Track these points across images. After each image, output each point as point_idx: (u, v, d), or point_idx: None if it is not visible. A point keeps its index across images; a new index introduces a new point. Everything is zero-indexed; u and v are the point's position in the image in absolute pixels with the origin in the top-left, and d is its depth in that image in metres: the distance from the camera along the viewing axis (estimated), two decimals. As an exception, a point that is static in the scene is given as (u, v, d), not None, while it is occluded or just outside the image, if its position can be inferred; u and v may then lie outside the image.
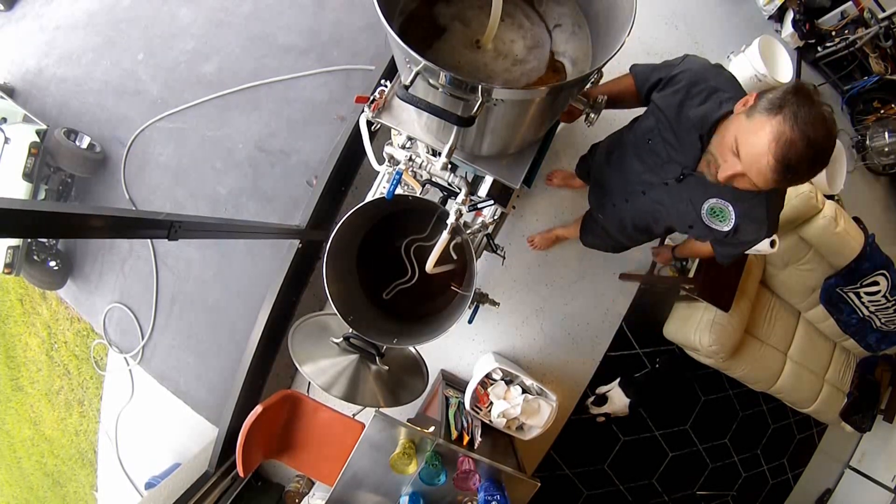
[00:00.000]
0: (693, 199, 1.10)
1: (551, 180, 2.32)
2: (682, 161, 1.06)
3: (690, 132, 1.01)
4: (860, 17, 2.58)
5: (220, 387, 2.56)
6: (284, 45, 2.76)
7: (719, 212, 1.07)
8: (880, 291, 2.23)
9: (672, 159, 1.09)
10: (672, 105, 1.03)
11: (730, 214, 1.06)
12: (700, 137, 0.99)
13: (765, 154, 0.79)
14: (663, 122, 1.07)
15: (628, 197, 1.30)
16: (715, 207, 1.07)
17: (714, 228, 1.11)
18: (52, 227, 0.93)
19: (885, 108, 2.77)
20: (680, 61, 1.08)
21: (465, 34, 0.91)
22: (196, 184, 2.77)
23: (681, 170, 1.08)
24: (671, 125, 1.05)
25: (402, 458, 1.51)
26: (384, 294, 1.26)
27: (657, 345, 2.52)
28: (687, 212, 1.14)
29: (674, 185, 1.12)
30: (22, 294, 3.68)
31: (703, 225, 1.12)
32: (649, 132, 1.12)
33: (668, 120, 1.05)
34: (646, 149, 1.15)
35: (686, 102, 1.01)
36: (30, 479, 4.06)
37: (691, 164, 1.05)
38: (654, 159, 1.14)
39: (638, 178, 1.22)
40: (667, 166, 1.11)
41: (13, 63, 3.22)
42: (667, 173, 1.12)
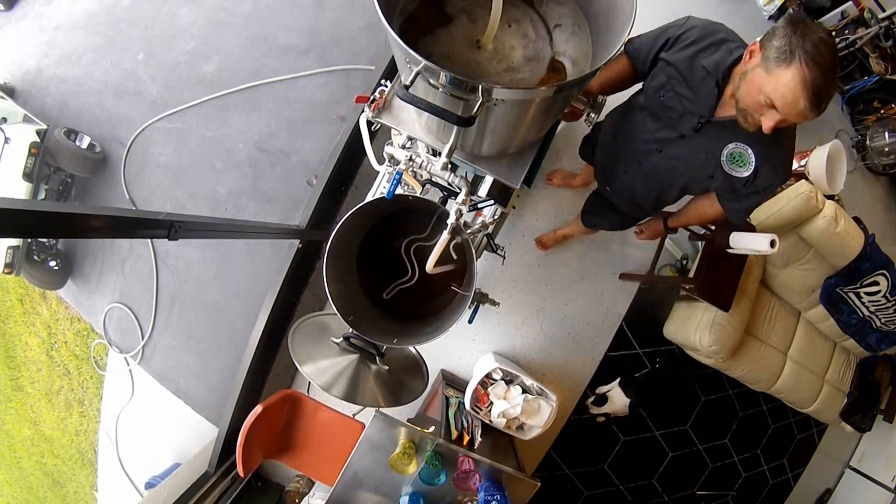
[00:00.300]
0: (711, 148, 1.12)
1: (551, 180, 2.33)
2: (699, 111, 1.09)
3: (705, 80, 1.05)
4: (860, 17, 2.58)
5: (220, 387, 2.56)
6: (284, 45, 2.76)
7: (738, 157, 1.09)
8: (880, 291, 2.23)
9: (687, 111, 1.11)
10: (684, 58, 1.07)
11: (749, 158, 1.08)
12: (716, 83, 1.03)
13: (799, 99, 0.87)
14: (675, 76, 1.09)
15: (642, 158, 1.28)
16: (734, 152, 1.09)
17: (734, 176, 1.12)
18: (52, 227, 0.93)
19: (885, 108, 2.77)
20: (684, 21, 1.12)
21: (466, 33, 0.91)
22: (196, 184, 2.77)
23: (697, 119, 1.10)
24: (684, 77, 1.08)
25: (402, 458, 1.51)
26: (384, 294, 1.26)
27: (657, 345, 2.52)
28: (706, 161, 1.14)
29: (691, 136, 1.14)
30: (22, 294, 3.68)
31: (723, 173, 1.12)
32: (661, 88, 1.14)
33: (681, 72, 1.08)
34: (659, 105, 1.16)
35: (698, 54, 1.05)
36: (30, 479, 4.06)
37: (707, 112, 1.08)
38: (669, 114, 1.15)
39: (652, 136, 1.22)
40: (683, 119, 1.13)
41: (13, 63, 3.22)
42: (683, 125, 1.14)
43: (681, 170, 1.22)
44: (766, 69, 0.89)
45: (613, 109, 1.43)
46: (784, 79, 0.87)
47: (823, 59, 0.84)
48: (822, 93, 0.86)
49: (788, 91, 0.87)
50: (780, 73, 0.87)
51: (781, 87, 0.87)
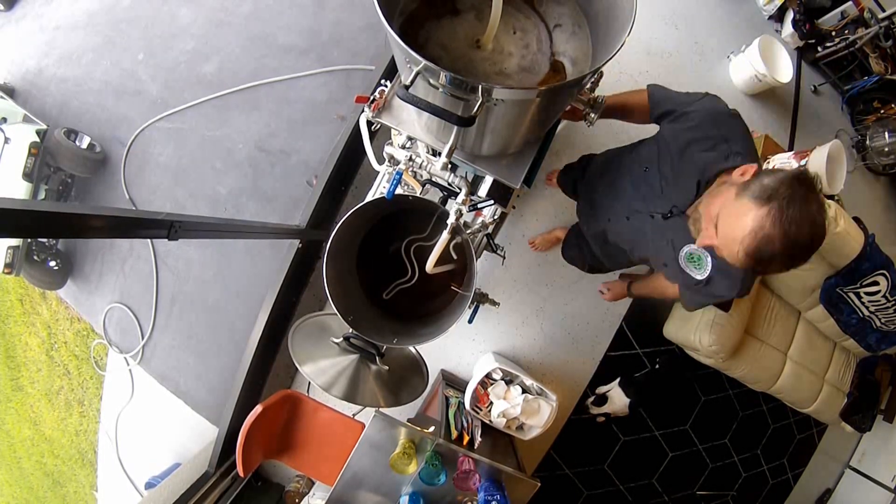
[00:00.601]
0: (674, 240, 1.08)
1: (551, 180, 2.33)
2: (674, 200, 1.03)
3: (690, 175, 0.98)
4: (860, 17, 2.58)
5: (220, 387, 2.56)
6: (284, 45, 2.76)
7: (697, 259, 1.05)
8: (880, 291, 2.23)
9: (664, 195, 1.06)
10: (679, 141, 1.01)
11: (706, 264, 1.04)
12: (698, 183, 0.96)
13: (738, 242, 0.78)
14: (665, 155, 1.04)
15: (612, 217, 1.28)
16: (694, 254, 1.05)
17: (687, 273, 1.09)
18: (52, 227, 0.93)
19: (885, 108, 2.77)
20: (700, 98, 1.04)
21: (467, 33, 0.91)
22: (196, 184, 2.77)
23: (670, 207, 1.04)
24: (672, 161, 1.02)
25: (402, 458, 1.51)
26: (384, 294, 1.26)
27: (657, 345, 2.52)
28: (665, 250, 1.11)
29: (659, 221, 1.09)
30: (22, 294, 3.68)
31: (678, 267, 1.10)
32: (648, 161, 1.10)
33: (671, 154, 1.02)
34: (641, 176, 1.12)
35: (693, 143, 0.98)
36: (30, 479, 4.06)
37: (682, 205, 1.02)
38: (647, 189, 1.11)
39: (626, 202, 1.19)
40: (657, 200, 1.08)
41: (13, 63, 3.22)
42: (656, 206, 1.09)
43: (641, 245, 1.20)
44: (738, 195, 0.81)
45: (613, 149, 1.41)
46: (743, 213, 0.78)
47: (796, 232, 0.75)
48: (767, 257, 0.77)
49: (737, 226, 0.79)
50: (746, 206, 0.78)
51: (733, 218, 0.80)
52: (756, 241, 0.76)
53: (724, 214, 0.82)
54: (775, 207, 0.75)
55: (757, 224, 0.76)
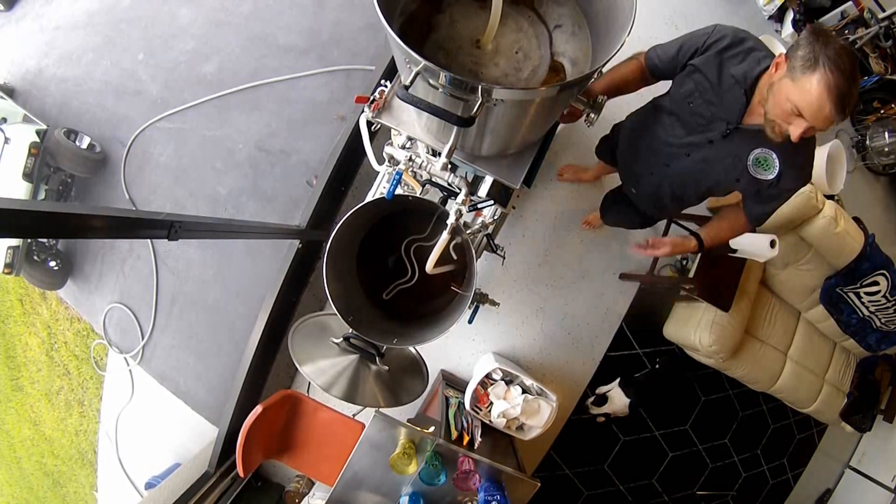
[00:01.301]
0: (739, 153, 1.16)
1: (562, 175, 2.33)
2: (727, 117, 1.12)
3: (733, 88, 1.08)
4: (860, 17, 2.59)
5: (220, 387, 2.56)
6: (284, 45, 2.76)
7: (764, 161, 1.14)
8: (880, 291, 2.23)
9: (716, 117, 1.14)
10: (712, 66, 1.10)
11: (774, 162, 1.13)
12: (744, 92, 1.07)
13: (824, 104, 0.91)
14: (703, 83, 1.12)
15: (669, 161, 1.32)
16: (760, 157, 1.14)
17: (759, 178, 1.16)
18: (52, 227, 0.93)
19: (885, 108, 2.77)
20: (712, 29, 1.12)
21: (467, 33, 0.91)
22: (196, 184, 2.76)
23: (726, 125, 1.13)
24: (712, 84, 1.11)
25: (402, 458, 1.51)
26: (384, 294, 1.25)
27: (657, 345, 2.52)
28: (733, 165, 1.19)
29: (719, 142, 1.17)
30: (22, 294, 3.68)
31: (749, 176, 1.17)
32: (689, 95, 1.17)
33: (709, 80, 1.11)
34: (687, 111, 1.19)
35: (727, 62, 1.08)
36: (30, 479, 4.06)
37: (735, 119, 1.11)
38: (698, 120, 1.18)
39: (680, 140, 1.25)
40: (711, 125, 1.16)
41: (13, 63, 3.22)
42: (712, 131, 1.17)
43: (708, 173, 1.26)
44: (792, 78, 0.94)
45: (636, 111, 1.47)
46: (810, 85, 0.91)
47: (845, 64, 0.89)
48: (845, 97, 0.90)
49: (815, 97, 0.91)
50: (806, 79, 0.91)
51: (808, 94, 0.92)
52: (833, 93, 0.90)
53: (796, 97, 0.94)
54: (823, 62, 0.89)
55: (825, 83, 0.90)
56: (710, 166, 1.24)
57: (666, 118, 1.27)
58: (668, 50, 1.19)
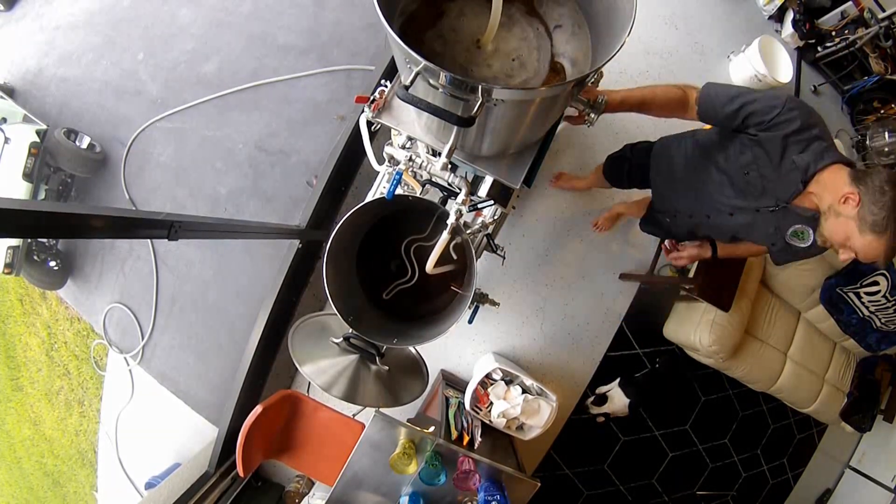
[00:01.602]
0: (780, 225, 1.24)
1: (556, 182, 2.32)
2: (778, 195, 1.18)
3: (792, 173, 1.12)
4: (860, 17, 2.59)
5: (220, 387, 2.56)
6: (284, 45, 2.76)
7: (801, 233, 1.24)
8: (880, 291, 2.23)
9: (768, 192, 1.20)
10: (776, 146, 1.11)
11: (810, 236, 1.23)
12: (802, 181, 1.11)
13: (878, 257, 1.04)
14: (763, 159, 1.15)
15: (711, 214, 1.39)
16: (798, 231, 1.23)
17: (793, 245, 1.27)
18: (52, 227, 0.93)
19: (885, 108, 2.77)
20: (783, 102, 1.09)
21: (466, 33, 0.91)
22: (196, 184, 2.77)
23: (776, 202, 1.19)
24: (772, 163, 1.14)
25: (402, 458, 1.51)
26: (384, 294, 1.25)
27: (657, 345, 2.52)
28: (773, 234, 1.27)
29: (765, 214, 1.24)
30: (22, 294, 3.68)
31: (785, 243, 1.27)
32: (748, 166, 1.20)
33: (770, 158, 1.14)
34: (742, 179, 1.23)
35: (791, 147, 1.10)
36: (30, 479, 4.06)
37: (787, 198, 1.17)
38: (751, 190, 1.23)
39: (728, 201, 1.31)
40: (761, 198, 1.22)
41: (13, 63, 3.22)
42: (760, 203, 1.23)
43: (748, 233, 1.34)
44: (860, 229, 1.02)
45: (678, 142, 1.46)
46: (873, 244, 1.02)
47: None
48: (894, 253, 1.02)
49: (872, 252, 1.03)
50: (871, 239, 1.01)
51: (868, 248, 1.03)
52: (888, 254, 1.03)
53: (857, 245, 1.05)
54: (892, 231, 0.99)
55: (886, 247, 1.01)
56: (750, 229, 1.32)
57: (716, 175, 1.30)
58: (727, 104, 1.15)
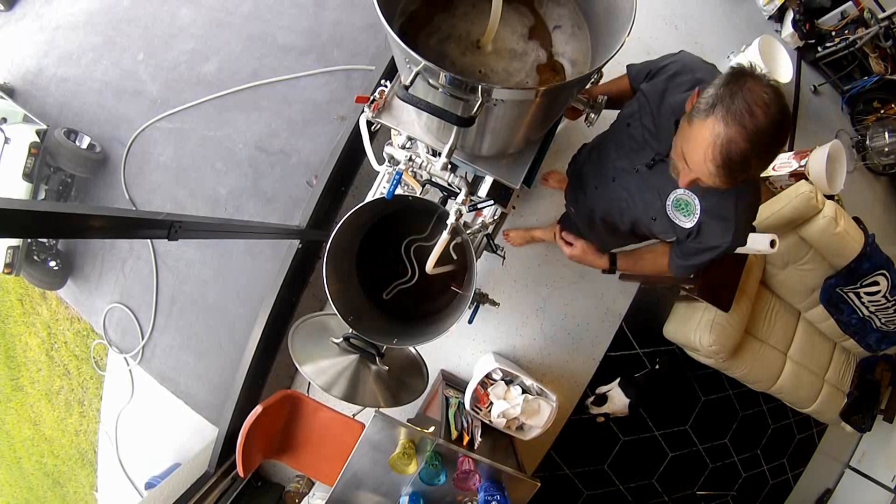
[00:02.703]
0: (661, 189, 1.06)
1: (547, 181, 2.32)
2: (657, 147, 1.05)
3: (668, 118, 0.99)
4: (860, 17, 2.59)
5: (220, 387, 2.56)
6: (284, 45, 2.76)
7: (685, 205, 1.03)
8: (880, 291, 2.23)
9: (647, 144, 1.07)
10: (656, 92, 1.03)
11: (695, 209, 1.01)
12: (676, 122, 0.93)
13: (706, 159, 0.78)
14: (645, 107, 1.06)
15: (598, 184, 1.27)
16: (681, 199, 1.03)
17: (677, 224, 1.06)
18: (52, 227, 0.93)
19: (885, 108, 2.77)
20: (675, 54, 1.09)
21: (466, 34, 0.91)
22: (196, 184, 2.77)
23: (653, 155, 1.05)
24: (652, 111, 1.04)
25: (402, 458, 1.51)
26: (384, 294, 1.26)
27: (657, 345, 2.52)
28: (652, 201, 1.09)
29: (644, 172, 1.10)
30: (22, 294, 3.68)
31: (667, 218, 1.07)
32: (630, 116, 1.12)
33: (650, 105, 1.04)
34: (625, 133, 1.13)
35: (669, 90, 1.01)
36: (30, 479, 4.06)
37: (665, 150, 1.01)
38: (631, 144, 1.12)
39: (612, 163, 1.20)
40: (641, 152, 1.09)
41: (13, 63, 3.22)
42: (639, 159, 1.10)
43: (629, 204, 1.17)
44: (689, 121, 0.81)
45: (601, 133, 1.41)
46: (697, 132, 0.78)
47: (750, 122, 0.73)
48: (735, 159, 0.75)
49: (697, 146, 0.79)
50: (698, 125, 0.78)
51: (692, 142, 0.80)
52: (719, 149, 0.75)
53: (684, 143, 0.82)
54: (720, 109, 0.74)
55: (712, 134, 0.75)
56: (631, 197, 1.15)
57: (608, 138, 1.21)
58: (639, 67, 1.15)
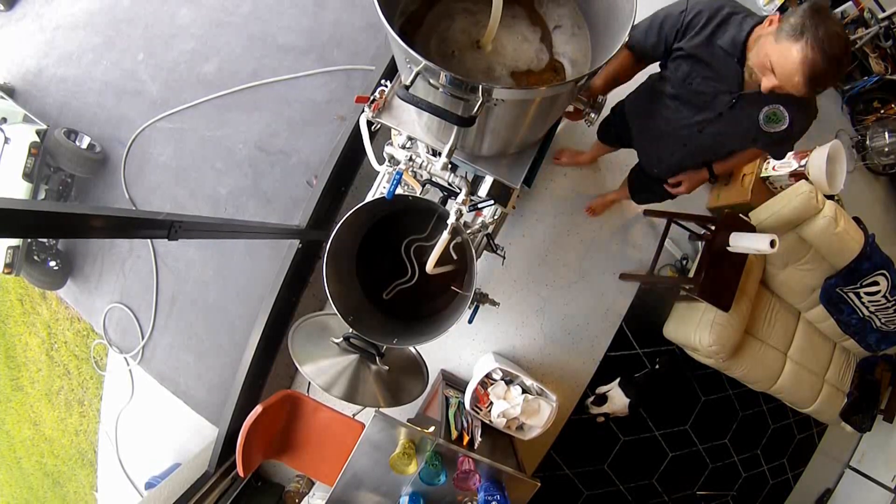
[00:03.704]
0: (750, 116, 1.21)
1: (559, 159, 2.34)
2: (728, 88, 1.17)
3: (726, 60, 1.12)
4: (860, 17, 2.58)
5: (220, 387, 2.56)
6: (284, 45, 2.76)
7: (774, 116, 1.19)
8: (880, 291, 2.23)
9: (718, 91, 1.19)
10: (700, 44, 1.14)
11: (783, 114, 1.18)
12: (737, 60, 1.11)
13: (795, 73, 0.96)
14: (696, 64, 1.17)
15: (686, 141, 1.38)
16: (769, 113, 1.19)
17: (774, 132, 1.22)
18: (52, 227, 0.93)
19: (885, 108, 2.77)
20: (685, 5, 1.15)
21: (466, 34, 0.91)
22: (196, 184, 2.77)
23: (729, 96, 1.18)
24: (705, 61, 1.15)
25: (402, 458, 1.51)
26: (384, 294, 1.26)
27: (657, 345, 2.52)
28: (748, 129, 1.24)
29: (727, 113, 1.22)
30: (22, 294, 3.68)
31: (764, 133, 1.23)
32: (687, 76, 1.21)
33: (701, 58, 1.15)
34: (689, 92, 1.24)
35: (712, 36, 1.12)
36: (30, 479, 4.06)
37: (737, 87, 1.16)
38: (702, 98, 1.23)
39: (690, 120, 1.30)
40: (715, 99, 1.21)
41: (13, 63, 3.22)
42: (718, 105, 1.22)
43: (725, 143, 1.33)
44: (776, 38, 0.98)
45: (635, 91, 1.52)
46: (787, 52, 0.96)
47: (830, 48, 0.92)
48: (818, 76, 0.95)
49: (788, 63, 0.96)
50: (786, 46, 0.96)
51: (783, 58, 0.97)
52: (806, 67, 0.95)
53: (774, 57, 0.99)
54: (809, 36, 0.93)
55: (801, 55, 0.94)
56: (725, 137, 1.30)
57: (670, 102, 1.31)
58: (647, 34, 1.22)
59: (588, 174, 2.41)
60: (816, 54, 0.93)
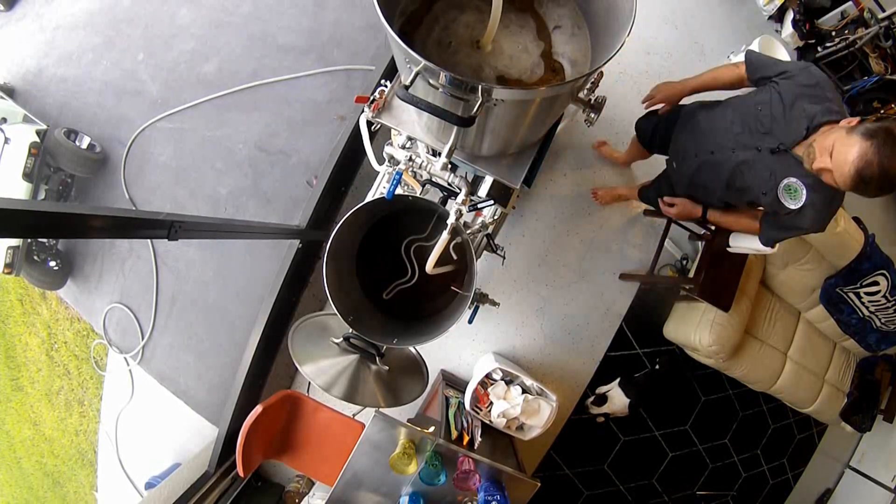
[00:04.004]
0: (776, 172, 1.27)
1: (598, 148, 2.36)
2: (782, 137, 1.23)
3: (800, 120, 1.19)
4: (860, 17, 2.58)
5: (220, 387, 2.56)
6: (284, 45, 2.76)
7: (793, 191, 1.25)
8: (880, 291, 2.23)
9: (773, 132, 1.25)
10: (791, 92, 1.22)
11: (801, 196, 1.24)
12: (807, 128, 1.18)
13: (849, 163, 1.04)
14: (777, 100, 1.24)
15: (715, 150, 1.43)
16: (791, 185, 1.25)
17: (783, 203, 1.28)
18: (52, 227, 0.93)
19: (885, 108, 2.76)
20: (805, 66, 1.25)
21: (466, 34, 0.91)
22: (196, 184, 2.77)
23: (778, 143, 1.24)
24: (783, 107, 1.23)
25: (402, 458, 1.51)
26: (384, 294, 1.26)
27: (657, 345, 2.52)
28: (766, 180, 1.30)
29: (765, 154, 1.28)
30: (22, 294, 3.68)
31: (775, 196, 1.28)
32: (762, 103, 1.28)
33: (784, 101, 1.23)
34: (753, 115, 1.31)
35: (804, 97, 1.20)
36: (30, 479, 4.06)
37: (789, 143, 1.22)
38: (758, 126, 1.29)
39: (733, 135, 1.37)
40: (766, 136, 1.27)
41: (13, 63, 3.21)
42: (764, 142, 1.28)
43: (744, 174, 1.36)
44: (848, 133, 1.06)
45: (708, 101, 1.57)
46: (853, 144, 1.03)
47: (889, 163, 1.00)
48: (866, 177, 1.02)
49: (848, 151, 1.03)
50: (855, 139, 1.03)
51: (845, 147, 1.04)
52: (861, 163, 1.02)
53: (838, 144, 1.06)
54: (876, 142, 1.01)
55: (862, 151, 1.02)
56: (747, 169, 1.34)
57: (730, 112, 1.39)
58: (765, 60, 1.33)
59: (588, 175, 2.41)
60: (875, 158, 1.00)
